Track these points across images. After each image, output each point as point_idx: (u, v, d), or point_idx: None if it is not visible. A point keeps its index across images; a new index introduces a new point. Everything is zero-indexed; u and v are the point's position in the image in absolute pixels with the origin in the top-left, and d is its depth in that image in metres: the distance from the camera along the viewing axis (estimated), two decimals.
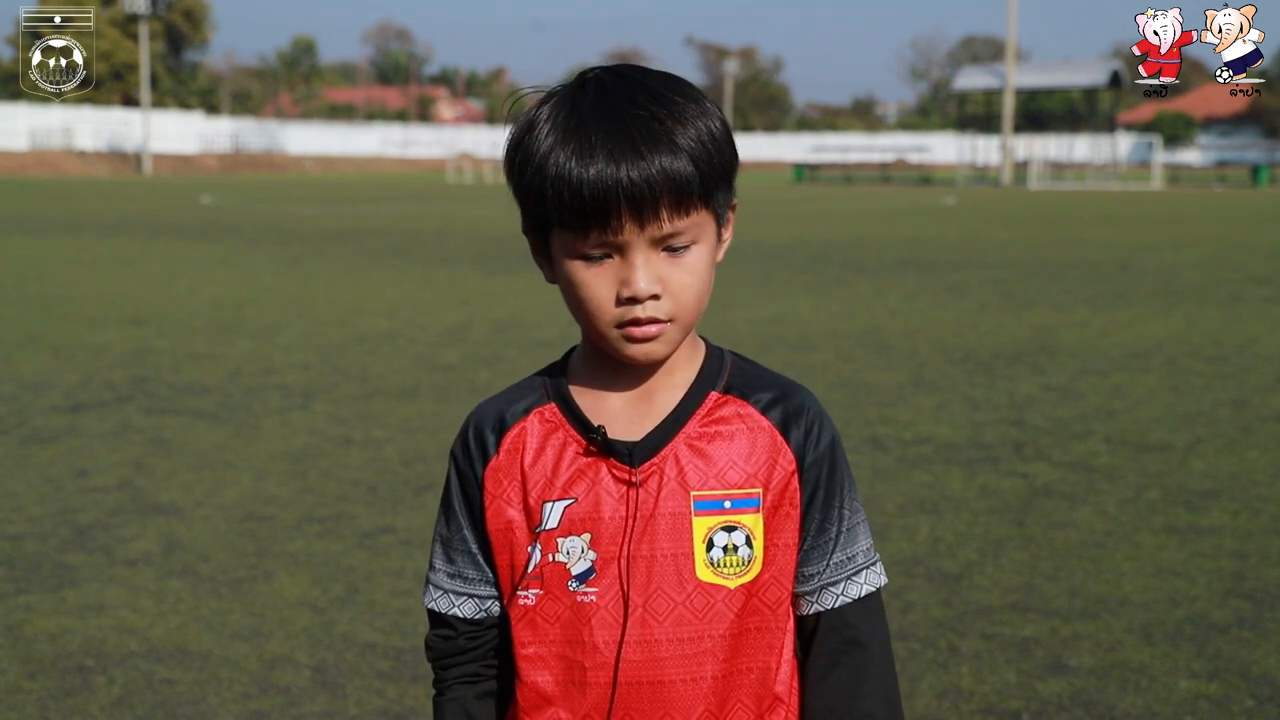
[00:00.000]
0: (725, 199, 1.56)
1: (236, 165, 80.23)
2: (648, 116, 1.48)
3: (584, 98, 1.50)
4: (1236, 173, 68.63)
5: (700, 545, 1.55)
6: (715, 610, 1.55)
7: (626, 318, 1.50)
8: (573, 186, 1.46)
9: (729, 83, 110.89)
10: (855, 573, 1.62)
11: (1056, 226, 27.31)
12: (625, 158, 1.45)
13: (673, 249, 1.50)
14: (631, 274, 1.49)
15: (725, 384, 1.61)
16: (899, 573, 5.08)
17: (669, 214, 1.47)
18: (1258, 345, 10.67)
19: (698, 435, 1.57)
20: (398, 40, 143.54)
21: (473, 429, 1.64)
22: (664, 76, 1.55)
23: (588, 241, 1.49)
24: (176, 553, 5.39)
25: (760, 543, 1.57)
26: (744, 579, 1.56)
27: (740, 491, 1.56)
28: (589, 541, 1.56)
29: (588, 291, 1.51)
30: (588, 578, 1.56)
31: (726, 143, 1.53)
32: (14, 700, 3.99)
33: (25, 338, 11.26)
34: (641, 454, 1.55)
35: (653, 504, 1.55)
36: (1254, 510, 5.90)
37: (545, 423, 1.60)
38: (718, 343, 1.72)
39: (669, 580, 1.54)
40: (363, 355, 10.37)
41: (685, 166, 1.47)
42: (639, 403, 1.59)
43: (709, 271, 1.55)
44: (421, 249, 21.23)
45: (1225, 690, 3.99)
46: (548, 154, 1.48)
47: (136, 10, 67.99)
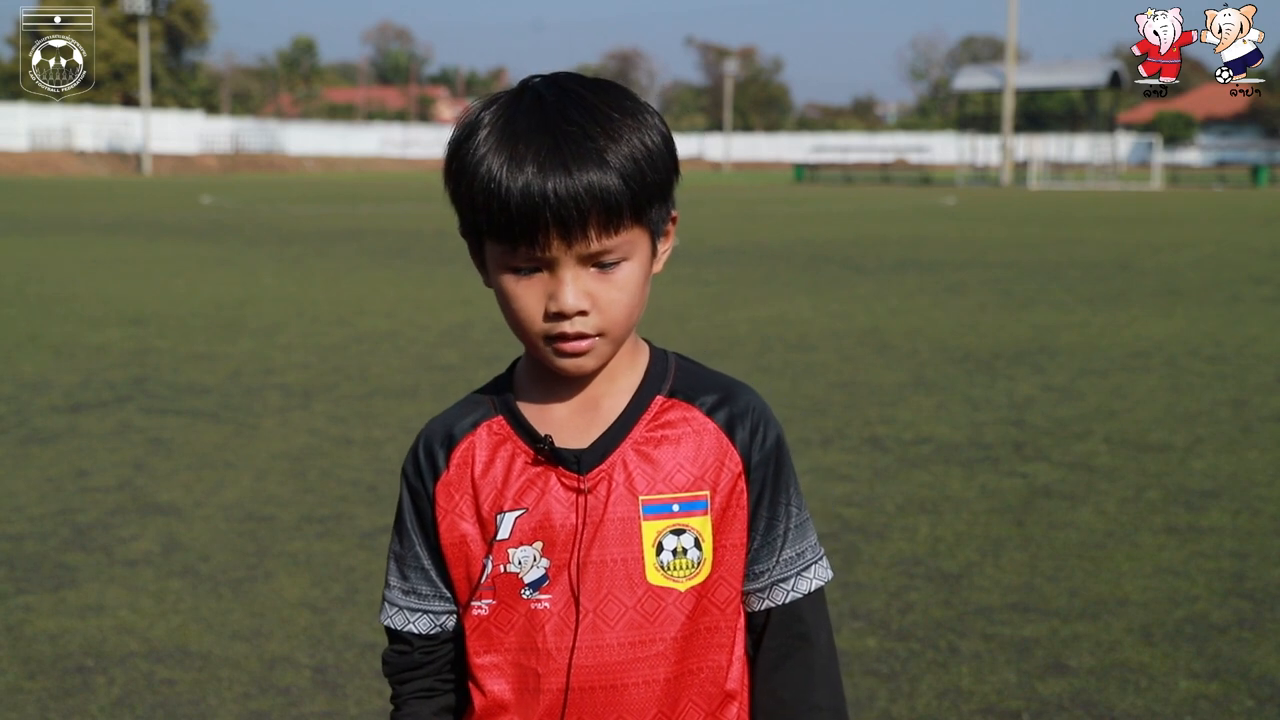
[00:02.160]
0: (661, 214, 1.55)
1: (236, 165, 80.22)
2: (579, 133, 1.47)
3: (520, 109, 1.50)
4: (1236, 173, 68.65)
5: (650, 549, 1.56)
6: (666, 613, 1.56)
7: (554, 332, 1.51)
8: (501, 201, 1.46)
9: (729, 83, 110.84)
10: (805, 568, 1.64)
11: (1056, 226, 27.31)
12: (553, 175, 1.44)
13: (602, 265, 1.50)
14: (559, 289, 1.49)
15: (670, 387, 1.61)
16: (899, 573, 5.09)
17: (597, 232, 1.47)
18: (1258, 345, 10.67)
19: (644, 440, 1.58)
20: (398, 40, 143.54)
21: (422, 446, 1.65)
22: (604, 88, 1.54)
23: (516, 255, 1.49)
24: (176, 553, 5.39)
25: (710, 544, 1.58)
26: (694, 581, 1.58)
27: (688, 494, 1.57)
28: (541, 550, 1.57)
29: (517, 304, 1.51)
30: (541, 585, 1.57)
31: (663, 158, 1.52)
32: (14, 700, 3.99)
33: (25, 338, 11.26)
34: (589, 461, 1.56)
35: (602, 510, 1.56)
36: (1254, 510, 5.90)
37: (493, 435, 1.61)
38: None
39: (620, 585, 1.56)
40: (363, 355, 10.37)
41: (615, 184, 1.46)
42: (585, 410, 1.60)
43: (641, 287, 1.55)
44: (421, 249, 21.22)
45: (1225, 690, 3.99)
46: (479, 163, 1.48)
47: (136, 10, 67.93)
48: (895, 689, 4.02)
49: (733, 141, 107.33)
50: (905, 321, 12.27)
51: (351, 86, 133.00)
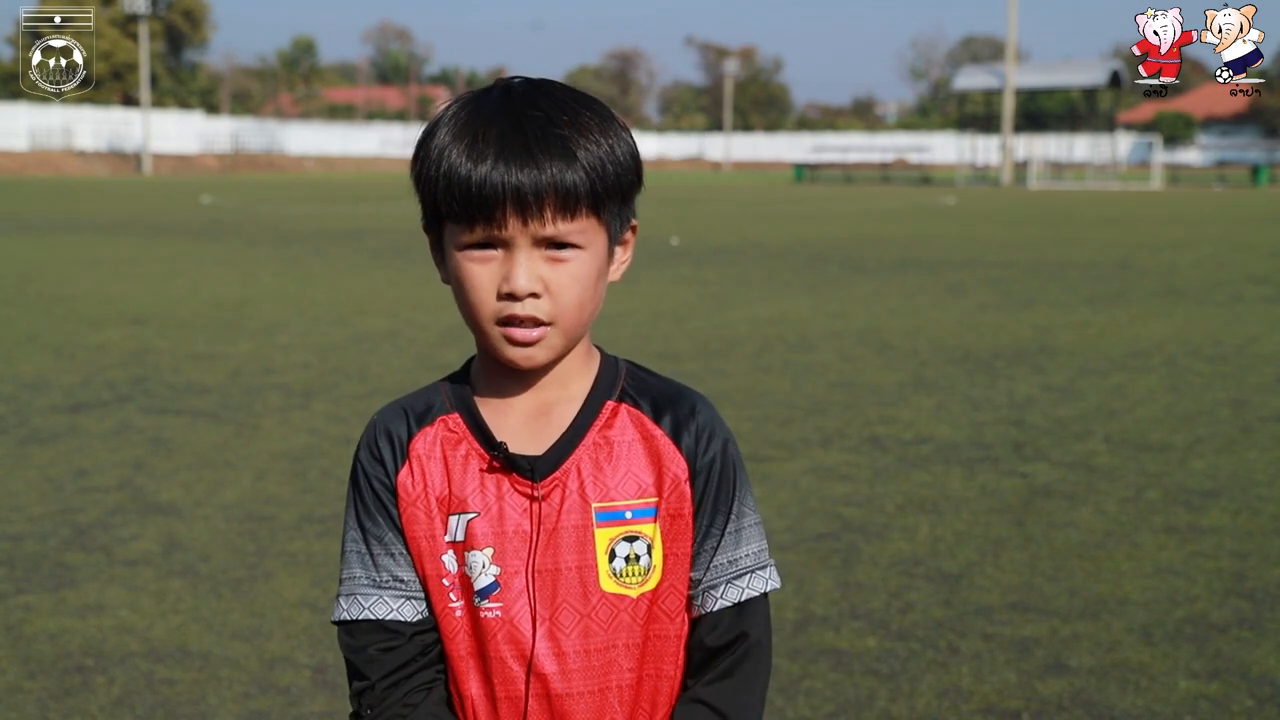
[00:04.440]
0: (621, 215, 1.57)
1: (236, 165, 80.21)
2: (544, 119, 1.49)
3: (488, 100, 1.53)
4: (1236, 173, 68.63)
5: (603, 556, 1.56)
6: (620, 620, 1.57)
7: (505, 314, 1.51)
8: (461, 178, 1.48)
9: (729, 83, 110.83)
10: (737, 576, 1.62)
11: (1056, 226, 27.31)
12: (515, 156, 1.47)
13: (557, 250, 1.51)
14: (513, 270, 1.50)
15: (619, 393, 1.61)
16: (899, 573, 5.09)
17: (553, 214, 1.48)
18: (1258, 345, 10.67)
19: (596, 446, 1.58)
20: (398, 40, 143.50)
21: (380, 434, 1.62)
22: (581, 95, 1.56)
23: (473, 234, 1.50)
24: (176, 553, 5.39)
25: (660, 551, 1.58)
26: (645, 588, 1.58)
27: (639, 501, 1.58)
28: (491, 556, 1.56)
29: (471, 282, 1.52)
30: (490, 593, 1.56)
31: (628, 163, 1.54)
32: (14, 700, 3.99)
33: (25, 338, 11.26)
34: (543, 469, 1.56)
35: (555, 518, 1.56)
36: (1254, 510, 5.90)
37: (450, 432, 1.60)
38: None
39: (574, 593, 1.56)
40: (363, 355, 10.37)
41: (575, 171, 1.48)
42: (538, 415, 1.60)
43: (594, 281, 1.55)
44: (422, 249, 21.09)
45: (1225, 690, 3.99)
46: (443, 150, 1.50)
47: (136, 10, 67.91)
48: (895, 689, 4.02)
49: (733, 141, 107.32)
50: (905, 321, 12.27)
51: (351, 86, 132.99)
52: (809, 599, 4.78)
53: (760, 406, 8.03)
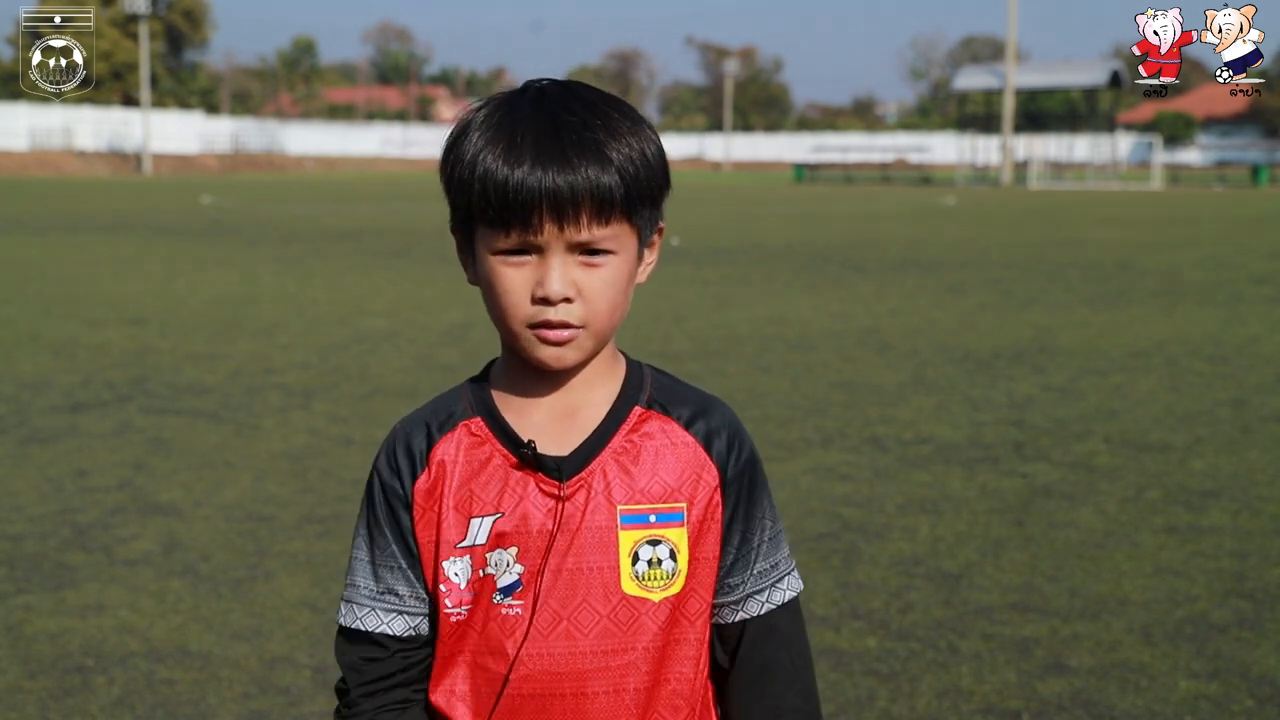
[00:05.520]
0: (650, 218, 1.57)
1: (236, 165, 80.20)
2: (579, 123, 1.49)
3: (522, 102, 1.53)
4: (1236, 173, 68.65)
5: (626, 559, 1.57)
6: (640, 623, 1.57)
7: (538, 318, 1.51)
8: (497, 183, 1.47)
9: (729, 83, 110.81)
10: (779, 580, 1.65)
11: (1056, 226, 27.31)
12: (552, 160, 1.47)
13: (591, 255, 1.51)
14: (546, 275, 1.50)
15: (648, 399, 1.62)
16: (899, 573, 5.09)
17: (589, 220, 1.48)
18: (1258, 345, 10.67)
19: (622, 450, 1.58)
20: (398, 40, 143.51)
21: (400, 445, 1.63)
22: (608, 96, 1.57)
23: (508, 239, 1.50)
24: (176, 553, 5.39)
25: (685, 556, 1.59)
26: (668, 592, 1.58)
27: (665, 506, 1.58)
28: (516, 555, 1.57)
29: (504, 286, 1.52)
30: (513, 591, 1.57)
31: (658, 166, 1.55)
32: (14, 700, 3.99)
33: (25, 338, 11.26)
34: (570, 468, 1.57)
35: (579, 518, 1.56)
36: (1254, 510, 5.91)
37: (472, 436, 1.60)
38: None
39: (595, 593, 1.56)
40: (363, 355, 10.37)
41: (610, 176, 1.48)
42: (563, 417, 1.60)
43: (625, 285, 1.56)
44: (421, 249, 21.22)
45: (1225, 690, 3.99)
46: (478, 153, 1.50)
47: (136, 10, 67.92)
48: (895, 689, 4.02)
49: (733, 141, 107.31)
50: (905, 321, 12.27)
51: (351, 86, 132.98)
52: (809, 599, 4.78)
53: (760, 406, 8.04)
